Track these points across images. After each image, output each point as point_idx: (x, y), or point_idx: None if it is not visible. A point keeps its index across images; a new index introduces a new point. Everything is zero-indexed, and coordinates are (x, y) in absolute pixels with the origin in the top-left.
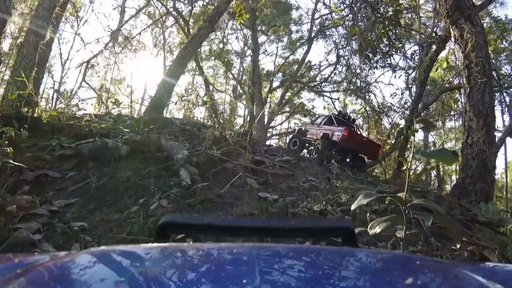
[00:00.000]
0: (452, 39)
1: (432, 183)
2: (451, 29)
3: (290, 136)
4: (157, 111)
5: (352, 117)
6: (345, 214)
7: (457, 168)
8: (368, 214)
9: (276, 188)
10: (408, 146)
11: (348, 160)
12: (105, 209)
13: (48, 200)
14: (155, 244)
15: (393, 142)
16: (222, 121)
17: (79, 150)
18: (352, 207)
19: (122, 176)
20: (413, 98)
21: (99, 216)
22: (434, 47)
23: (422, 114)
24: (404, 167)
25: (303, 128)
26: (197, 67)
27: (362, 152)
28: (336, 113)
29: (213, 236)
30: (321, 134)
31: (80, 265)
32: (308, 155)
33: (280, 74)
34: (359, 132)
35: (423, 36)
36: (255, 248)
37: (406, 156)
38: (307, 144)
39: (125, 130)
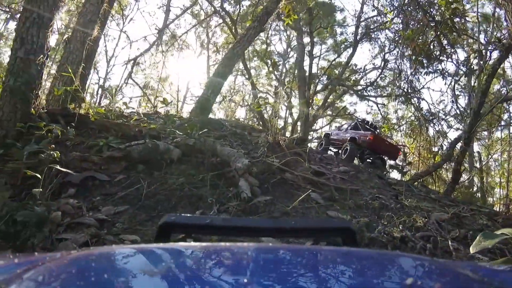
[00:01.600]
0: None
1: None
2: None
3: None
4: (203, 111)
5: (374, 124)
6: (425, 241)
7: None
8: (450, 242)
9: (343, 205)
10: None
11: (370, 160)
12: (157, 221)
13: (95, 206)
14: (155, 244)
15: (439, 150)
16: (272, 125)
17: (129, 152)
18: (472, 250)
19: (174, 183)
20: (471, 108)
21: (151, 228)
22: (496, 54)
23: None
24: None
25: (329, 133)
26: (243, 68)
27: (385, 154)
28: (361, 120)
29: (213, 236)
30: (349, 138)
31: (80, 265)
32: (334, 155)
33: (324, 77)
34: (383, 137)
35: (483, 43)
36: (255, 248)
37: (463, 169)
38: (331, 147)
39: (178, 132)
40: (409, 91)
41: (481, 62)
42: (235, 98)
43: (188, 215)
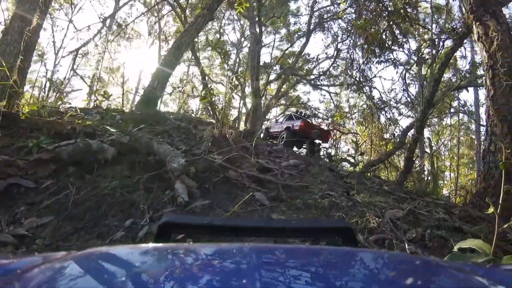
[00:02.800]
0: (475, 37)
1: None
2: (474, 26)
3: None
4: (150, 104)
5: (307, 115)
6: (379, 245)
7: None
8: (406, 245)
9: (291, 205)
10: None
11: (305, 145)
12: (83, 233)
13: (17, 219)
14: (155, 244)
15: (391, 138)
16: (220, 118)
17: (58, 153)
18: None
19: (107, 187)
20: (424, 96)
21: (76, 243)
22: (449, 43)
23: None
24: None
25: (268, 127)
26: (193, 57)
27: (316, 138)
28: (295, 112)
29: (213, 236)
30: (284, 127)
31: (80, 265)
32: (275, 143)
33: (277, 67)
34: (313, 123)
35: (436, 32)
36: (255, 248)
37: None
38: (272, 139)
39: (112, 129)
40: (361, 80)
41: (434, 52)
42: (186, 88)
43: (188, 215)
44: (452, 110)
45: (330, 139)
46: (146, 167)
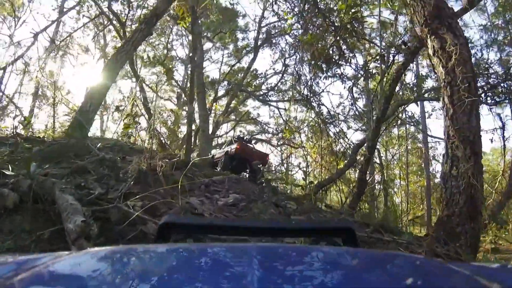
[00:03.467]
0: (430, 51)
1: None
2: (428, 40)
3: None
4: (81, 129)
5: (249, 138)
6: None
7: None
8: None
9: None
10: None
11: (247, 172)
12: None
13: None
14: (155, 244)
15: (341, 156)
16: (149, 146)
17: None
18: None
19: None
20: (373, 115)
21: None
22: (400, 58)
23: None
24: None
25: (213, 154)
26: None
27: (253, 160)
28: (236, 137)
29: (213, 236)
30: (224, 152)
31: (80, 265)
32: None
33: (225, 82)
34: (250, 146)
35: (383, 47)
36: (255, 248)
37: (368, 178)
38: (216, 167)
39: (8, 172)
40: (309, 95)
41: (383, 66)
42: (126, 109)
43: (188, 215)
44: (399, 122)
45: (267, 161)
46: (51, 220)
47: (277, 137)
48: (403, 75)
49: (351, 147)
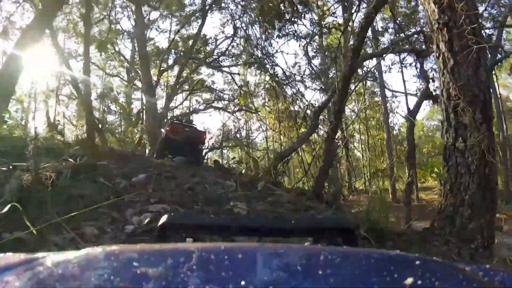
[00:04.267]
0: None
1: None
2: None
3: None
4: None
5: (187, 119)
6: None
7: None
8: None
9: None
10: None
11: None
12: None
13: None
14: (155, 244)
15: (302, 121)
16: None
17: None
18: None
19: None
20: (338, 76)
21: None
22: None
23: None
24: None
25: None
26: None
27: (189, 140)
28: (175, 118)
29: (213, 236)
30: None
31: (80, 265)
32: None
33: (174, 52)
34: (184, 126)
35: None
36: (255, 248)
37: (337, 150)
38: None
39: None
40: (262, 57)
41: (346, 15)
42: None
43: (188, 215)
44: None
45: (205, 139)
46: None
47: (233, 103)
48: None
49: (313, 110)
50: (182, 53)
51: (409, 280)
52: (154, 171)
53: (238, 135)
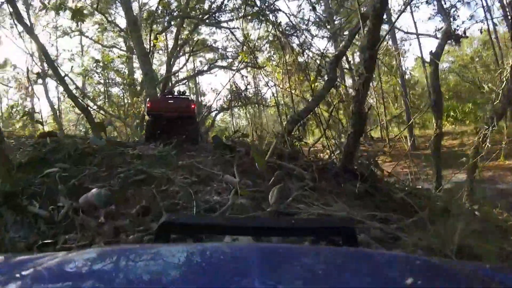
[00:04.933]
0: None
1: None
2: None
3: None
4: None
5: (181, 92)
6: None
7: None
8: None
9: None
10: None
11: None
12: None
13: None
14: (155, 244)
15: (317, 75)
16: None
17: None
18: None
19: None
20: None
21: None
22: None
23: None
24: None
25: None
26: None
27: (175, 114)
28: (166, 93)
29: (213, 236)
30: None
31: (80, 265)
32: None
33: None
34: (167, 98)
35: None
36: (255, 248)
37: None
38: None
39: None
40: (262, 5)
41: None
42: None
43: (188, 215)
44: None
45: (193, 110)
46: None
47: (237, 61)
48: None
49: (328, 61)
50: (176, 13)
51: (409, 280)
52: (122, 174)
53: (246, 94)
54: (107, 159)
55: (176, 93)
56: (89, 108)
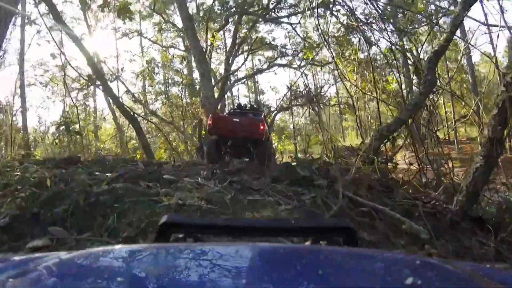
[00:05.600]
0: None
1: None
2: None
3: None
4: None
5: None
6: None
7: None
8: None
9: None
10: None
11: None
12: None
13: None
14: (155, 244)
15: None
16: None
17: None
18: None
19: None
20: None
21: None
22: None
23: None
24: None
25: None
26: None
27: (242, 135)
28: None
29: (213, 236)
30: None
31: (80, 265)
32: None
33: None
34: (225, 116)
35: None
36: (255, 248)
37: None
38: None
39: None
40: None
41: None
42: None
43: (188, 215)
44: None
45: (262, 131)
46: None
47: (297, 58)
48: None
49: (426, 59)
50: (234, 9)
51: (409, 280)
52: None
53: (307, 92)
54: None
55: (246, 106)
56: (138, 116)
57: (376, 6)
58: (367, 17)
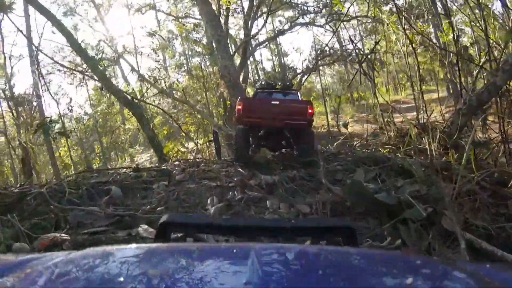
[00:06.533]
0: None
1: None
2: None
3: None
4: None
5: (272, 82)
6: None
7: None
8: None
9: None
10: None
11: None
12: None
13: None
14: (155, 244)
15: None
16: None
17: None
18: None
19: None
20: None
21: None
22: None
23: None
24: None
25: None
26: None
27: (281, 124)
28: (264, 84)
29: (213, 236)
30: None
31: (80, 265)
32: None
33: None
34: (255, 98)
35: None
36: (255, 248)
37: None
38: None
39: None
40: None
41: None
42: None
43: (188, 215)
44: None
45: (311, 115)
46: None
47: (320, 15)
48: None
49: None
50: None
51: (409, 280)
52: None
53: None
54: None
55: (277, 84)
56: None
57: None
58: None
